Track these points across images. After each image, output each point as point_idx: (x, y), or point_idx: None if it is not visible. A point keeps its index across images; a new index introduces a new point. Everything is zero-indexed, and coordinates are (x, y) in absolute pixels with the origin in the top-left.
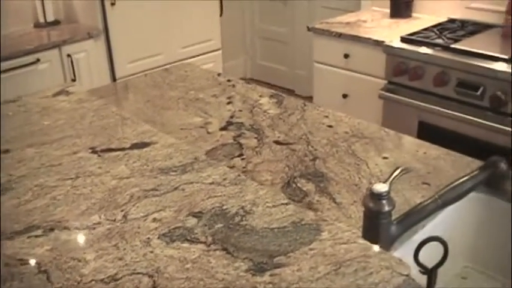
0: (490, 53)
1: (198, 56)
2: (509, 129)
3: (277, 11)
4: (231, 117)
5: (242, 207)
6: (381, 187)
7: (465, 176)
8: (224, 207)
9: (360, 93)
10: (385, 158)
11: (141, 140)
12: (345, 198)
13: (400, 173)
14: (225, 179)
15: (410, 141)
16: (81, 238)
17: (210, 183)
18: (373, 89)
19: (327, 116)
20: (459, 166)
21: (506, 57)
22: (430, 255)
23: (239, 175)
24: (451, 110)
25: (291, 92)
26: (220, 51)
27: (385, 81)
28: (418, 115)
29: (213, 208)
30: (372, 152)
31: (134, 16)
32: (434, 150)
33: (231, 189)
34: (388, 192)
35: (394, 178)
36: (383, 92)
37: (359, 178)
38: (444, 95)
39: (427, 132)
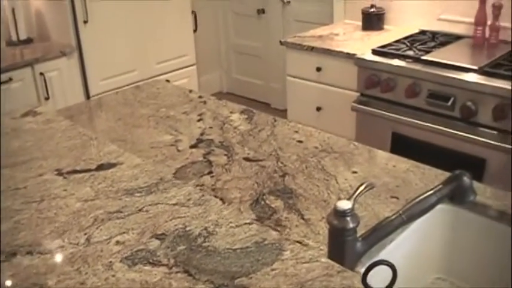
0: (460, 64)
1: (172, 71)
2: (480, 138)
3: (251, 25)
4: (202, 134)
5: (205, 228)
6: (344, 204)
7: (429, 190)
8: (187, 229)
9: (333, 105)
10: (354, 172)
11: (107, 160)
12: (313, 215)
13: (364, 188)
14: (189, 200)
15: (380, 155)
16: (43, 263)
17: (174, 204)
18: (346, 102)
19: (297, 131)
20: (428, 178)
21: (475, 67)
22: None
23: (203, 195)
24: (423, 121)
25: (266, 106)
26: (194, 67)
27: (358, 94)
28: (391, 126)
29: (176, 230)
30: (341, 166)
31: (107, 33)
32: (403, 163)
33: (194, 210)
34: (352, 209)
35: (358, 194)
36: (356, 105)
37: (328, 194)
38: (416, 106)
39: (401, 143)
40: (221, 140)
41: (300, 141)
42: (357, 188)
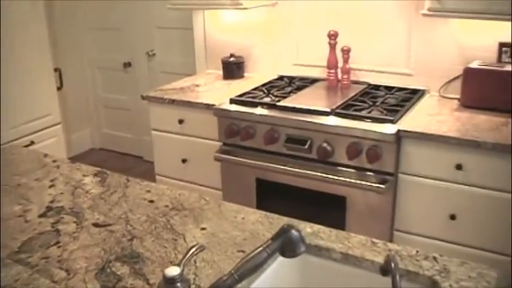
0: (314, 108)
1: (37, 132)
2: (338, 178)
3: (118, 79)
4: (51, 201)
5: None
6: (172, 270)
7: (259, 246)
8: None
9: (198, 156)
10: (203, 229)
11: None
12: (159, 278)
13: (195, 251)
14: (17, 280)
15: (230, 208)
16: None
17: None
18: (209, 152)
19: (149, 191)
20: (275, 228)
21: (328, 110)
22: None
23: (32, 274)
24: (284, 165)
25: (139, 159)
26: (60, 126)
27: (220, 143)
28: (254, 173)
29: None
30: (190, 224)
31: None
32: (253, 215)
33: None
34: (181, 274)
35: (187, 259)
36: (218, 154)
37: (175, 254)
38: (276, 151)
39: (265, 189)
40: (71, 206)
41: (151, 201)
42: (187, 252)
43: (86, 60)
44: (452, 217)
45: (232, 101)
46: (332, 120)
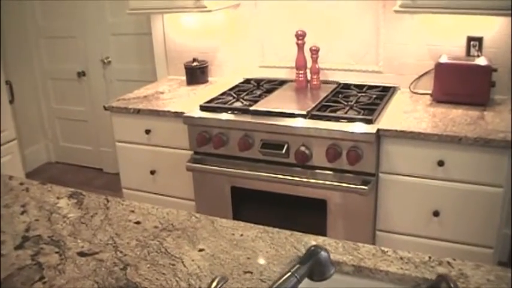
0: (289, 111)
1: None
2: (317, 181)
3: (72, 89)
4: (27, 230)
5: None
6: None
7: (287, 272)
8: None
9: (168, 167)
10: (201, 250)
11: None
12: None
13: (217, 285)
14: None
15: (224, 224)
16: None
17: None
18: (180, 162)
19: (133, 211)
20: (278, 243)
21: (304, 112)
22: None
23: None
24: (260, 172)
25: (98, 171)
26: (16, 141)
27: (191, 152)
28: (229, 181)
29: None
30: (185, 245)
31: None
32: (251, 230)
33: None
34: None
35: None
36: (190, 164)
37: (177, 281)
38: (251, 157)
39: (241, 197)
40: (50, 234)
41: (138, 222)
42: (209, 285)
43: (37, 71)
44: (436, 214)
45: (202, 108)
46: (309, 123)
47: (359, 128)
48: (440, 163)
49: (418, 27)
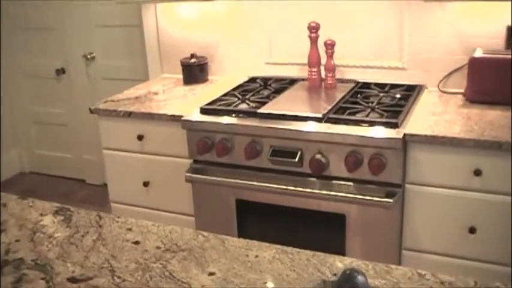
0: (302, 114)
1: None
2: (335, 193)
3: (50, 89)
4: (7, 252)
5: None
6: None
7: None
8: None
9: (164, 178)
10: (211, 274)
11: None
12: None
13: None
14: None
15: (236, 244)
16: None
17: None
18: (178, 172)
19: (130, 229)
20: (299, 265)
21: (319, 115)
22: None
23: None
24: (270, 183)
25: (80, 182)
26: None
27: (191, 161)
28: (234, 193)
29: None
30: (193, 268)
31: None
32: (267, 251)
33: None
34: None
35: None
36: (190, 174)
37: None
38: (259, 166)
39: (248, 211)
40: (34, 258)
41: (137, 242)
42: None
43: (9, 67)
44: (472, 230)
45: (203, 111)
46: (325, 127)
47: (382, 132)
48: (477, 172)
49: (449, 16)
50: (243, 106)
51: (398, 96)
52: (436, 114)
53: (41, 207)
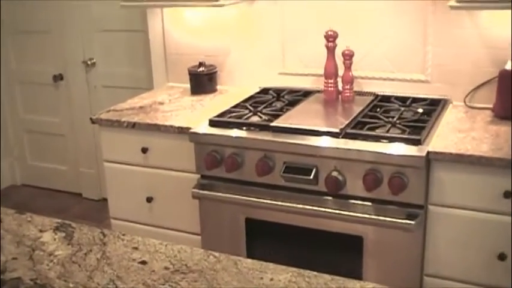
0: (318, 128)
1: None
2: (352, 214)
3: (46, 96)
4: (3, 271)
5: None
6: None
7: None
8: None
9: (169, 194)
10: None
11: None
12: None
13: None
14: None
15: (248, 265)
16: None
17: None
18: (184, 188)
19: (136, 248)
20: None
21: (336, 130)
22: None
23: None
24: (282, 201)
25: (77, 196)
26: None
27: (198, 176)
28: (243, 212)
29: None
30: None
31: None
32: (282, 274)
33: None
34: None
35: None
36: (197, 190)
37: None
38: (271, 183)
39: (258, 231)
40: (33, 277)
41: (144, 262)
42: None
43: (3, 73)
44: (502, 257)
45: (212, 123)
46: (342, 143)
47: (404, 149)
48: (507, 194)
49: (478, 26)
50: (255, 119)
51: (421, 110)
52: (462, 131)
53: (40, 223)
